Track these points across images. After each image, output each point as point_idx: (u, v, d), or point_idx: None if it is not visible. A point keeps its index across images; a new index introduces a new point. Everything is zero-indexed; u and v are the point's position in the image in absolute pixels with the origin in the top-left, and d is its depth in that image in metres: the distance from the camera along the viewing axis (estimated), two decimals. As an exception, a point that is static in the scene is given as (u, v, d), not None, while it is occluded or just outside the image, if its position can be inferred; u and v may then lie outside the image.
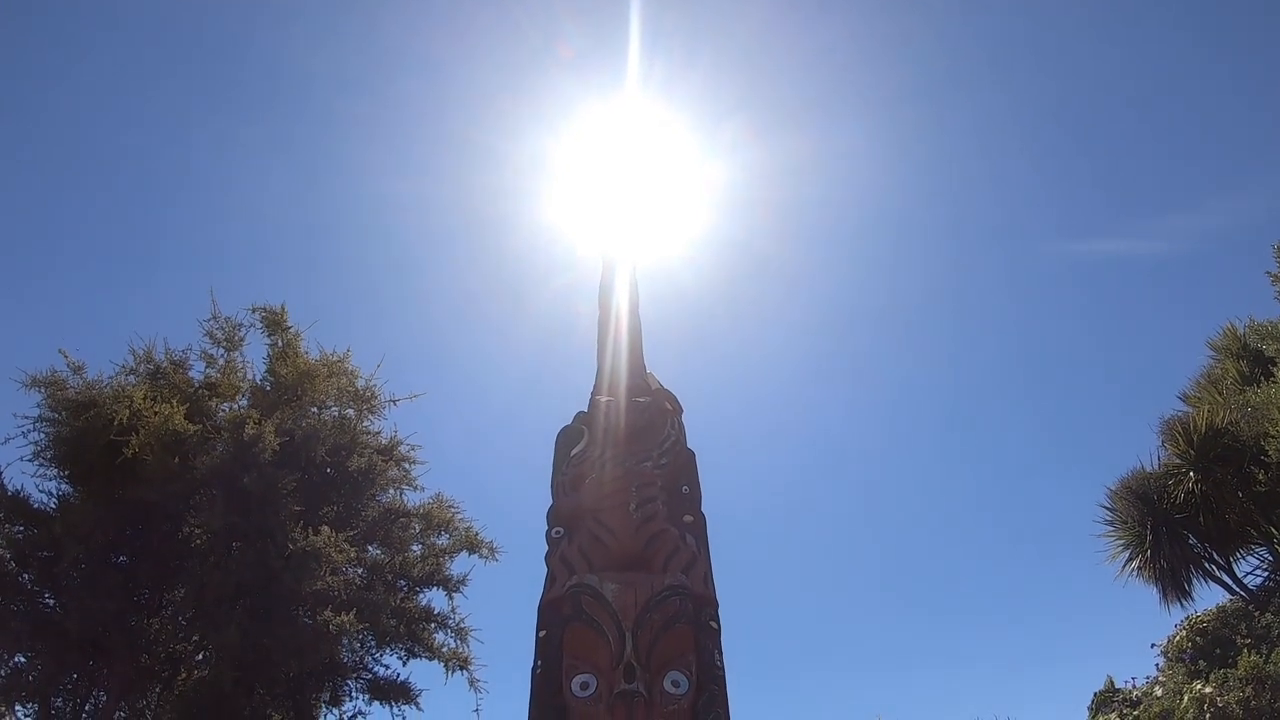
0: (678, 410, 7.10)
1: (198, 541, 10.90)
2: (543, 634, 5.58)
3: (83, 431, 11.29)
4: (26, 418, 11.68)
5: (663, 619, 5.32)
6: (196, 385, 11.98)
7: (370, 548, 11.41)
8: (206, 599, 10.31)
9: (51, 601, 11.33)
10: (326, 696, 11.15)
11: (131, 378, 11.86)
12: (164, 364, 12.02)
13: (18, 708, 11.74)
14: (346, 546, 9.91)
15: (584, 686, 5.12)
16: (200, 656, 11.50)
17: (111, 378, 11.66)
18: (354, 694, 11.35)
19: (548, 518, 6.40)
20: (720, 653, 5.50)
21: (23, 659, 11.36)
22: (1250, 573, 19.10)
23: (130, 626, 10.95)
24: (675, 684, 5.15)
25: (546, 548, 6.18)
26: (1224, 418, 18.57)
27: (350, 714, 11.35)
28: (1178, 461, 19.15)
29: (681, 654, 5.29)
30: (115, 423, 10.98)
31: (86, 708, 12.00)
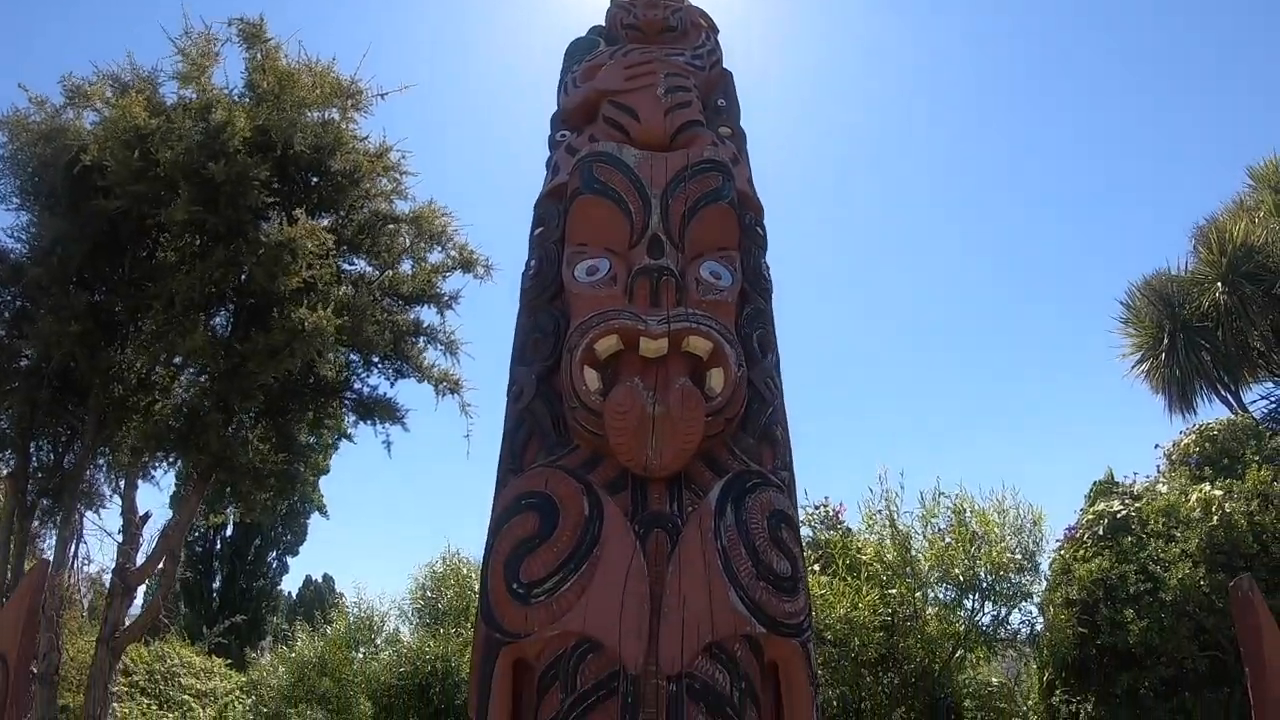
0: (713, 29, 5.43)
1: (170, 256, 9.55)
2: (539, 230, 4.07)
3: (46, 162, 9.86)
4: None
5: (700, 191, 3.75)
6: (168, 107, 10.30)
7: (356, 260, 10.02)
8: (176, 310, 9.07)
9: (27, 353, 10.26)
10: (309, 417, 10.11)
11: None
12: (131, 82, 10.27)
13: None
14: (325, 235, 8.44)
15: (591, 271, 3.61)
16: (179, 379, 10.40)
17: (63, 78, 9.97)
18: (338, 414, 10.32)
19: (551, 123, 4.85)
20: (769, 268, 4.07)
21: None
22: (1256, 400, 18.13)
23: (102, 357, 9.78)
24: (715, 275, 3.63)
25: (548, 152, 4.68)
26: (1261, 237, 17.06)
27: (335, 438, 10.36)
28: (1206, 270, 17.76)
29: (722, 245, 3.73)
30: (73, 132, 9.52)
31: (67, 457, 11.12)
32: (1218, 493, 11.72)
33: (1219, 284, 16.33)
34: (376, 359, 9.89)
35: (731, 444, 3.38)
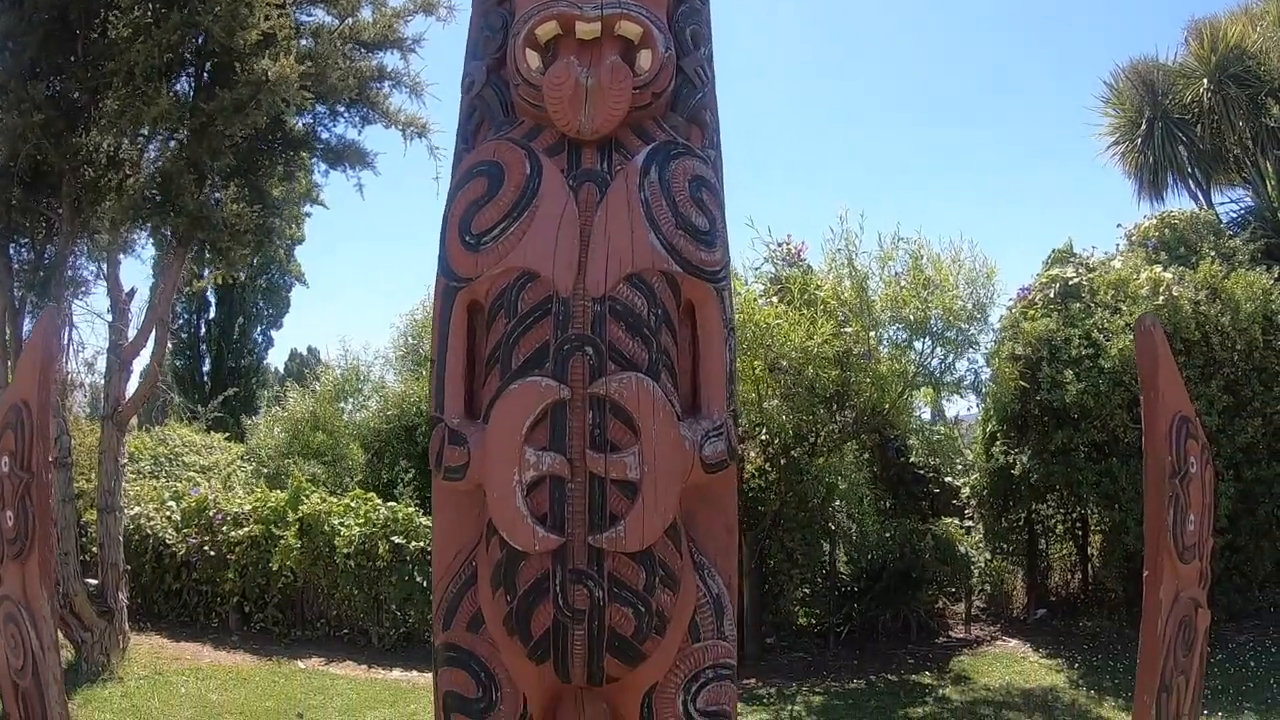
0: None
1: (124, 31, 9.45)
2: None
3: None
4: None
5: None
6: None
7: (314, 10, 9.99)
8: (137, 81, 9.12)
9: None
10: (280, 171, 10.43)
11: None
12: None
13: None
14: (281, -14, 8.47)
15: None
16: (148, 150, 10.57)
17: None
18: (308, 165, 10.64)
19: None
20: (706, -26, 4.34)
21: None
22: (1225, 203, 18.51)
23: (68, 143, 9.84)
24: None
25: None
26: (1256, 44, 16.80)
27: (306, 204, 10.72)
28: (1194, 64, 17.66)
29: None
30: None
31: (47, 250, 11.37)
32: (1168, 275, 12.31)
33: (1205, 80, 16.28)
34: (342, 107, 10.08)
35: (660, 121, 3.83)
